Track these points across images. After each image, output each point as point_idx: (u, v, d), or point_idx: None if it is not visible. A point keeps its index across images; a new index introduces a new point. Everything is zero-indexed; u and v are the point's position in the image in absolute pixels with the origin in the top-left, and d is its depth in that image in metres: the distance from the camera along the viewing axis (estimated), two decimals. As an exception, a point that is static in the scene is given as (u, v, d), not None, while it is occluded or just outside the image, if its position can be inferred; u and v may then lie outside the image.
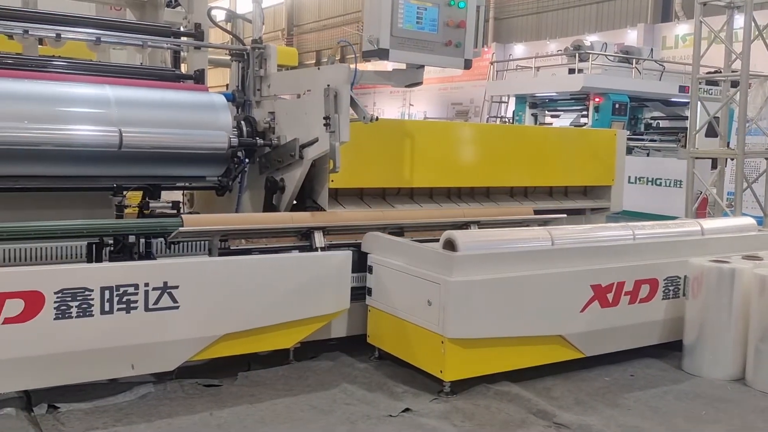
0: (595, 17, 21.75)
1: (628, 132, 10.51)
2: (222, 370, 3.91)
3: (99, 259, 4.00)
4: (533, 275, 3.92)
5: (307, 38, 30.98)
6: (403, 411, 3.55)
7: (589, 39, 16.99)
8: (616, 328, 4.25)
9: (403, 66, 4.57)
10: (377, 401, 3.67)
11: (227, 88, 5.44)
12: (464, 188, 5.37)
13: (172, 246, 4.25)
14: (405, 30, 4.09)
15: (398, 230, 4.64)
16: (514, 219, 5.14)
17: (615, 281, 4.18)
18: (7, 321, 3.12)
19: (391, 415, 3.50)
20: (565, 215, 5.37)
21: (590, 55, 14.56)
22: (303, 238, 4.38)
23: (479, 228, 4.81)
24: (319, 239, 4.31)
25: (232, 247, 4.27)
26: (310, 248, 4.29)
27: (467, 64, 4.35)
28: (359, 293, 4.24)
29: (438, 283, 3.69)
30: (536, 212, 5.27)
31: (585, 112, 14.52)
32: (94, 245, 3.98)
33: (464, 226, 4.81)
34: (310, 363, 4.15)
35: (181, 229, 3.90)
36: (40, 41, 4.98)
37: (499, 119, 16.90)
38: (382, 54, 4.06)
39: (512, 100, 16.52)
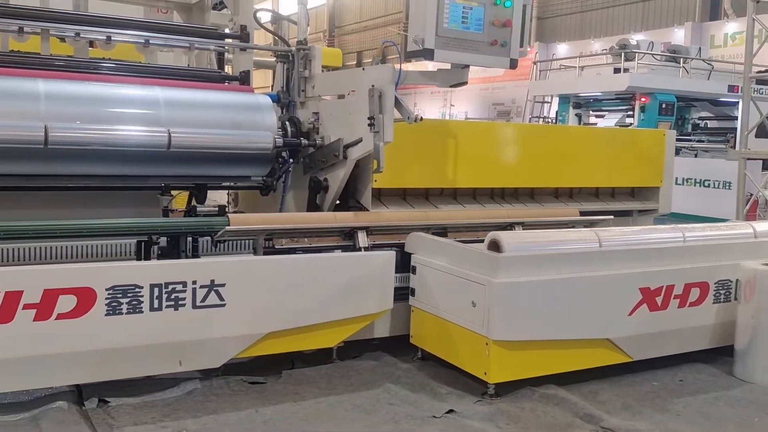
0: (641, 16, 21.36)
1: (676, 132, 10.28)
2: (266, 367, 3.95)
3: (148, 257, 4.08)
4: (580, 277, 3.87)
5: (349, 39, 31.13)
6: (447, 412, 3.53)
7: (635, 38, 16.68)
8: (664, 332, 4.16)
9: (447, 66, 4.55)
10: (421, 402, 3.66)
11: (272, 89, 5.51)
12: (508, 189, 5.32)
13: (218, 245, 4.30)
14: (450, 30, 4.07)
15: (442, 231, 4.62)
16: (560, 220, 5.07)
17: (664, 284, 4.09)
18: (60, 317, 3.19)
19: (434, 416, 3.49)
20: (612, 217, 5.27)
21: (636, 54, 14.27)
22: (346, 238, 4.39)
23: (524, 229, 4.76)
24: (362, 239, 4.32)
25: (276, 246, 4.31)
26: (353, 248, 4.30)
27: (513, 64, 4.30)
28: (402, 293, 4.23)
29: (483, 284, 3.66)
30: (582, 214, 5.20)
31: (630, 113, 14.25)
32: (143, 243, 4.05)
33: (509, 227, 4.76)
34: (353, 362, 4.16)
35: (227, 228, 3.94)
36: (91, 44, 5.08)
37: (541, 119, 16.71)
38: (427, 54, 4.05)
39: (555, 100, 16.31)
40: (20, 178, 4.08)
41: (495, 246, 3.80)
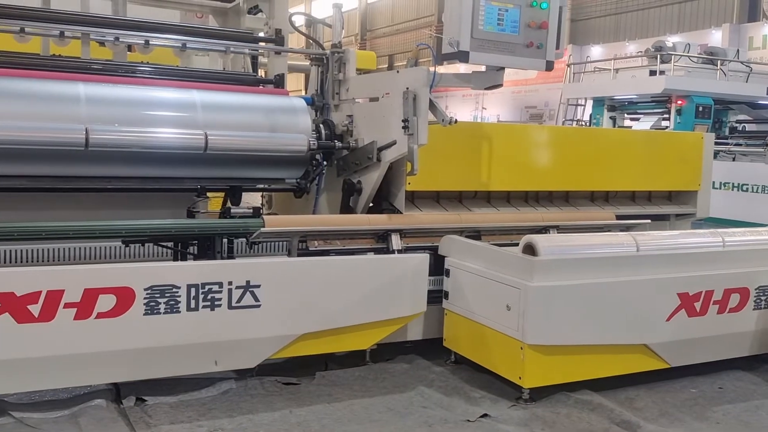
0: (677, 17, 21.06)
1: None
2: (300, 368, 3.97)
3: (184, 258, 4.13)
4: (617, 282, 3.81)
5: (380, 42, 31.22)
6: (481, 416, 3.51)
7: (671, 39, 16.43)
8: (703, 338, 4.08)
9: (481, 68, 4.53)
10: (454, 405, 3.64)
11: (304, 93, 5.54)
12: (542, 192, 5.28)
13: (253, 246, 4.34)
14: (485, 32, 4.05)
15: (475, 234, 4.60)
16: (595, 224, 5.00)
17: (703, 290, 4.02)
18: (100, 316, 3.25)
19: (468, 420, 3.47)
20: (648, 221, 5.19)
21: (673, 57, 14.05)
22: (380, 240, 4.40)
23: (558, 233, 4.71)
24: (396, 242, 4.31)
25: (309, 248, 4.32)
26: (386, 250, 4.30)
27: (549, 66, 4.27)
28: (435, 296, 4.21)
29: (518, 288, 3.63)
30: (618, 217, 5.13)
31: (666, 116, 14.03)
32: (179, 244, 4.10)
33: (543, 230, 4.72)
34: (386, 365, 4.16)
35: (262, 229, 3.97)
36: (129, 48, 5.17)
37: (575, 122, 16.56)
38: (462, 56, 4.03)
39: (589, 103, 16.14)
40: (61, 180, 4.16)
41: (530, 249, 3.77)
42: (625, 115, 15.50)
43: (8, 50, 4.55)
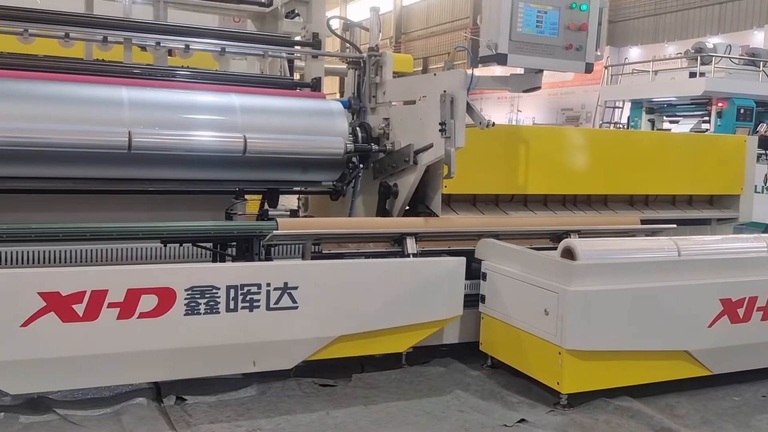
0: (717, 18, 20.65)
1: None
2: (336, 370, 3.98)
3: (223, 259, 4.18)
4: (658, 287, 3.76)
5: (415, 45, 31.22)
6: (518, 421, 3.48)
7: (711, 41, 16.12)
8: (746, 345, 4.00)
9: (517, 71, 4.51)
10: (491, 410, 3.62)
11: (339, 96, 5.57)
12: (580, 196, 5.22)
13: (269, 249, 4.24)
14: (524, 34, 4.03)
15: (494, 238, 4.44)
16: (618, 228, 4.84)
17: (747, 296, 3.93)
18: (142, 315, 3.30)
19: (506, 425, 3.45)
20: (675, 225, 5.00)
21: (713, 58, 13.79)
22: (395, 244, 4.29)
23: (579, 237, 4.54)
24: (411, 245, 4.19)
25: (323, 251, 4.22)
26: (402, 254, 4.19)
27: (588, 68, 4.23)
28: (470, 300, 4.19)
29: (556, 292, 3.60)
30: (658, 222, 5.03)
31: (707, 118, 13.78)
32: (218, 245, 4.16)
33: (563, 235, 4.57)
34: (422, 368, 4.15)
35: (275, 232, 3.91)
36: (170, 52, 5.25)
37: (613, 125, 16.35)
38: (500, 59, 4.02)
39: (627, 106, 15.92)
40: (104, 182, 4.25)
41: (569, 253, 3.73)
42: (664, 118, 15.26)
43: (54, 55, 4.67)
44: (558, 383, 3.63)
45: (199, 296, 3.41)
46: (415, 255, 4.14)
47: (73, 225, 3.71)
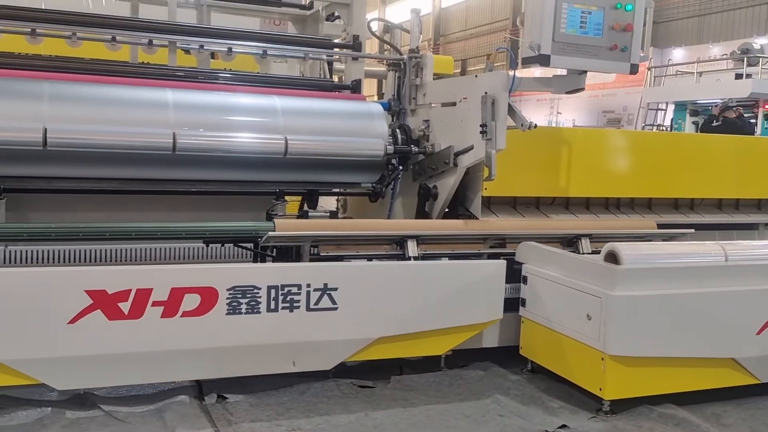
0: (764, 18, 20.12)
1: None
2: (375, 372, 3.98)
3: (263, 260, 4.21)
4: (704, 293, 3.67)
5: (453, 47, 31.11)
6: (559, 427, 3.44)
7: (758, 41, 15.74)
8: (797, 354, 3.88)
9: (557, 71, 4.46)
10: (532, 415, 3.58)
11: (377, 98, 5.57)
12: (623, 198, 5.15)
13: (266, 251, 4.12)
14: (568, 35, 3.98)
15: (500, 241, 4.38)
16: (631, 233, 4.63)
17: (798, 303, 3.82)
18: (185, 314, 3.35)
19: (547, 431, 3.40)
20: (692, 230, 4.79)
21: (760, 59, 13.46)
22: (397, 247, 4.13)
23: (591, 242, 4.41)
24: (412, 248, 4.05)
25: (321, 254, 4.00)
26: (403, 257, 4.06)
27: (633, 69, 4.16)
28: (509, 303, 4.14)
29: (599, 297, 3.54)
30: (704, 227, 4.89)
31: (753, 120, 13.45)
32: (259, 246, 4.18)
33: (574, 239, 4.45)
34: (461, 371, 4.13)
35: (270, 233, 3.81)
36: (212, 55, 5.32)
37: (655, 127, 16.07)
38: (543, 60, 3.97)
39: (670, 108, 15.64)
40: (149, 183, 4.32)
41: (612, 258, 3.67)
42: (709, 120, 14.94)
43: (100, 58, 4.77)
44: (600, 389, 3.57)
45: (240, 296, 3.45)
46: (416, 258, 4.01)
47: (119, 225, 3.79)
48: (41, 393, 3.43)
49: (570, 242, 4.46)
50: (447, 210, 4.69)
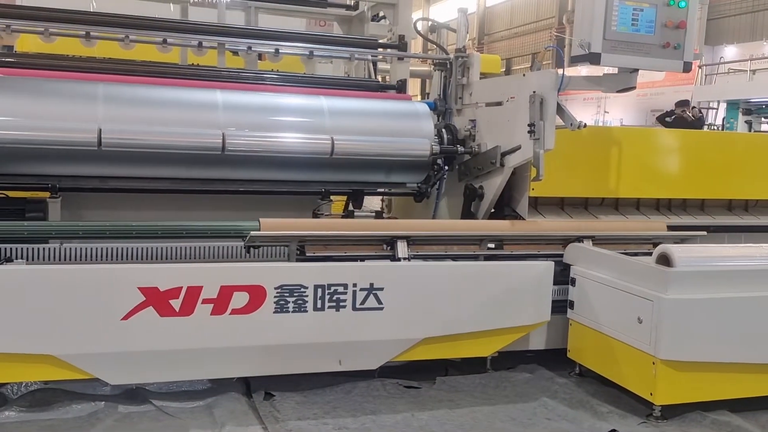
0: (822, 13, 19.47)
1: None
2: (420, 372, 3.97)
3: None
4: (759, 297, 3.56)
5: (498, 46, 30.88)
6: (608, 432, 3.38)
7: (816, 38, 15.22)
8: None
9: (606, 70, 4.39)
10: (580, 419, 3.53)
11: (420, 98, 5.56)
12: (675, 200, 5.03)
13: (250, 251, 3.90)
14: (619, 33, 3.91)
15: (498, 243, 4.22)
16: (638, 235, 4.42)
17: None
18: (234, 312, 3.39)
19: (595, 435, 3.35)
20: (704, 233, 4.55)
21: (818, 56, 13.02)
22: (388, 248, 3.95)
23: (594, 244, 4.23)
24: (402, 249, 3.87)
25: (307, 254, 3.83)
26: (393, 258, 3.91)
27: (687, 67, 4.06)
28: (556, 305, 4.08)
29: (650, 300, 3.47)
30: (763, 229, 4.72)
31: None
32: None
33: (577, 241, 4.22)
34: (507, 373, 4.09)
35: (253, 233, 3.69)
36: (260, 56, 5.39)
37: (706, 126, 15.68)
38: (594, 58, 3.91)
39: (722, 106, 15.24)
40: (198, 182, 4.40)
41: (664, 260, 3.59)
42: (762, 119, 14.52)
43: (152, 60, 4.88)
44: (651, 394, 3.50)
45: (288, 294, 3.47)
46: (406, 259, 3.85)
47: (170, 223, 3.86)
48: (95, 387, 3.52)
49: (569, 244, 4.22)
50: (493, 210, 4.65)
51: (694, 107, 13.49)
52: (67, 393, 3.47)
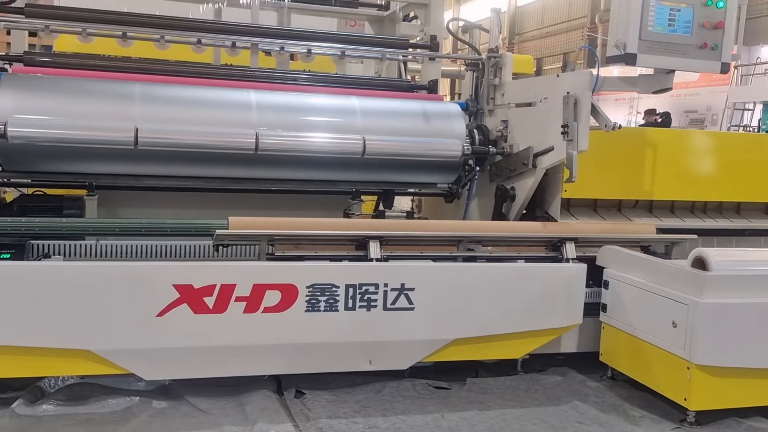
0: None
1: None
2: (450, 373, 3.97)
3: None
4: (798, 302, 3.49)
5: (528, 46, 30.65)
6: (641, 437, 3.34)
7: None
8: None
9: (639, 70, 4.34)
10: (612, 423, 3.49)
11: (450, 98, 5.54)
12: (711, 203, 4.96)
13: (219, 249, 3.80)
14: (655, 33, 3.87)
15: (476, 244, 4.09)
16: (628, 238, 4.22)
17: None
18: (266, 310, 3.42)
19: (628, 440, 3.32)
20: (695, 236, 4.36)
21: None
22: (360, 248, 3.81)
23: (576, 246, 4.10)
24: (374, 250, 3.72)
25: (276, 254, 3.69)
26: (366, 258, 3.77)
27: (724, 68, 4.00)
28: (588, 308, 4.04)
29: (686, 303, 3.42)
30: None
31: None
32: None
33: (558, 243, 4.11)
34: (538, 376, 4.06)
35: (218, 231, 3.58)
36: (292, 56, 5.42)
37: (742, 128, 15.39)
38: (629, 59, 3.87)
39: (758, 108, 14.95)
40: (230, 181, 4.44)
41: (700, 263, 3.54)
42: (800, 121, 14.23)
43: (186, 60, 4.93)
44: (685, 399, 3.45)
45: (319, 294, 3.49)
46: (378, 260, 3.71)
47: (203, 222, 3.91)
48: (130, 383, 3.57)
49: (554, 247, 4.13)
50: (524, 212, 4.63)
51: (659, 113, 14.54)
52: (103, 388, 3.53)
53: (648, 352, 3.66)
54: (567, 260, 4.04)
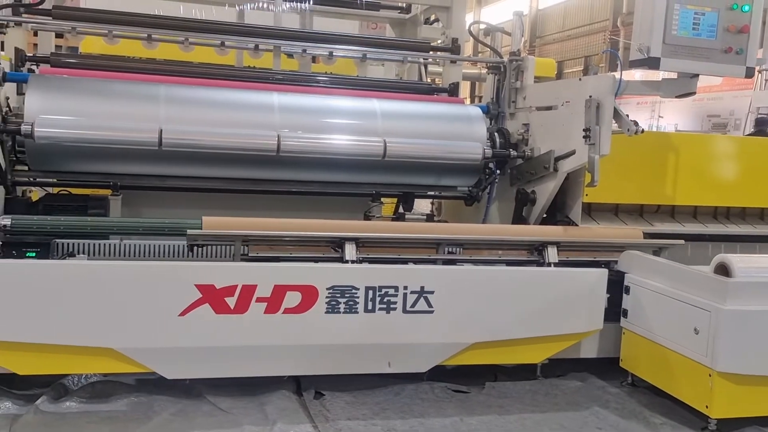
0: None
1: None
2: (469, 377, 3.96)
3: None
4: (824, 310, 3.45)
5: (549, 49, 30.49)
6: (662, 444, 3.32)
7: None
8: None
9: (665, 75, 4.31)
10: (632, 430, 3.47)
11: (476, 100, 5.54)
12: (734, 208, 4.91)
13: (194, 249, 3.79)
14: (679, 37, 3.84)
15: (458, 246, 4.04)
16: (610, 242, 4.17)
17: None
18: (286, 311, 3.44)
19: (648, 447, 3.29)
20: (682, 241, 4.30)
21: None
22: (337, 250, 3.78)
23: (559, 250, 4.05)
24: (350, 251, 3.67)
25: (250, 254, 3.69)
26: (342, 260, 3.72)
27: (749, 73, 3.97)
28: (609, 313, 4.01)
29: (708, 310, 3.39)
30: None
31: None
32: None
33: (540, 246, 4.06)
34: (557, 381, 4.04)
35: (190, 231, 3.56)
36: (313, 59, 5.46)
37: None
38: (653, 63, 3.85)
39: (783, 112, 14.73)
40: (252, 182, 4.48)
41: (723, 270, 3.51)
42: (826, 126, 13.98)
43: (209, 62, 4.99)
44: (707, 407, 3.42)
45: (339, 295, 3.51)
46: (354, 261, 3.67)
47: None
48: (152, 381, 3.61)
49: (538, 251, 4.07)
50: (545, 216, 4.61)
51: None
52: (126, 386, 3.57)
53: (669, 358, 3.63)
54: (549, 264, 3.98)
